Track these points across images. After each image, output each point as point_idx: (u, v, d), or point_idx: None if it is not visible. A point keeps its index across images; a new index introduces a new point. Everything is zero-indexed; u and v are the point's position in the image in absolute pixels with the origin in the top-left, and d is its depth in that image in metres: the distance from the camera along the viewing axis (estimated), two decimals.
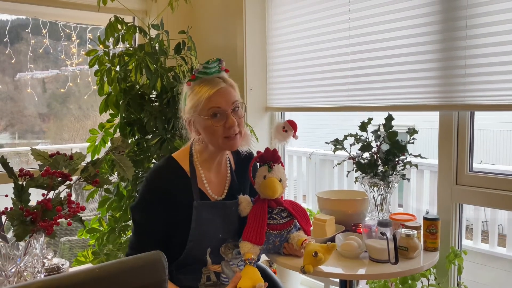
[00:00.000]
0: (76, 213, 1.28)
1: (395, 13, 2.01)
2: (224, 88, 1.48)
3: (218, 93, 1.46)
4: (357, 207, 1.80)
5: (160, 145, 2.16)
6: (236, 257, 1.51)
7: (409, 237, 1.54)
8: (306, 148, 4.43)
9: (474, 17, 1.76)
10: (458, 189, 1.93)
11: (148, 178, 1.49)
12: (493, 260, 3.52)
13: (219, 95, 1.46)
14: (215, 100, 1.45)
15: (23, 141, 6.56)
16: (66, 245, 2.94)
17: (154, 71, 2.14)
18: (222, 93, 1.47)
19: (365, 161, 1.78)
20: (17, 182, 1.26)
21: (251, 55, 2.64)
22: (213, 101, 1.45)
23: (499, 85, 1.73)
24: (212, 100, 1.45)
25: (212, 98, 1.45)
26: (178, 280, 1.48)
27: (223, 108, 1.46)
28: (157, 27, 2.25)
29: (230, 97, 1.48)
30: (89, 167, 1.36)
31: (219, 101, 1.46)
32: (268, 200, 1.52)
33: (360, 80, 2.19)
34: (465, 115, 1.91)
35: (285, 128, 1.56)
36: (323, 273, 1.45)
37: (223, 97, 1.46)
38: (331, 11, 2.30)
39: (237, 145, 1.52)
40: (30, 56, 3.88)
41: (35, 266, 1.24)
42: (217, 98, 1.46)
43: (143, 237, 1.48)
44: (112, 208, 2.27)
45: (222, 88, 1.47)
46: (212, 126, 1.46)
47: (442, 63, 1.87)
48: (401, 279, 1.93)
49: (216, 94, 1.46)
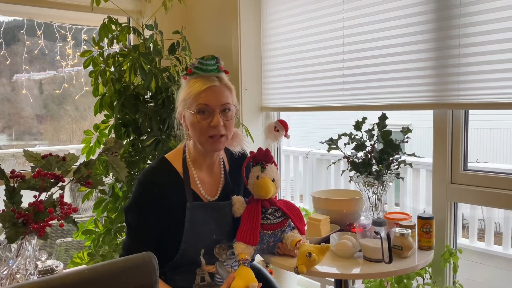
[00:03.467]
0: (69, 214, 1.27)
1: (389, 12, 2.01)
2: (217, 87, 1.47)
3: (208, 90, 1.45)
4: (351, 207, 1.80)
5: (155, 146, 2.16)
6: (230, 257, 1.51)
7: (403, 236, 1.54)
8: (302, 148, 4.44)
9: (468, 16, 1.76)
10: (453, 187, 1.93)
11: (141, 179, 1.49)
12: (490, 259, 3.52)
13: (209, 92, 1.45)
14: (204, 96, 1.45)
15: (21, 143, 6.56)
16: (62, 246, 2.93)
17: (148, 72, 2.13)
18: (213, 91, 1.46)
19: (359, 161, 1.78)
20: (9, 184, 1.26)
21: (246, 55, 2.64)
22: (202, 97, 1.45)
23: (493, 84, 1.73)
24: (202, 96, 1.45)
25: (201, 94, 1.45)
26: (172, 281, 1.48)
27: (210, 106, 1.45)
28: (151, 27, 2.25)
29: (221, 97, 1.47)
30: (81, 168, 1.36)
31: (208, 99, 1.45)
32: (262, 200, 1.52)
33: (354, 79, 2.19)
34: (459, 113, 1.91)
35: (277, 128, 1.56)
36: (318, 273, 1.45)
37: (213, 95, 1.45)
38: (326, 11, 2.29)
39: (220, 148, 1.50)
40: (25, 57, 3.88)
41: (28, 268, 1.24)
42: (207, 95, 1.45)
43: (137, 238, 1.48)
44: (107, 209, 2.27)
45: (215, 87, 1.47)
46: (198, 122, 1.46)
47: (436, 62, 1.87)
48: (397, 278, 1.93)
49: (206, 90, 1.45)
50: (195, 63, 1.48)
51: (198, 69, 1.48)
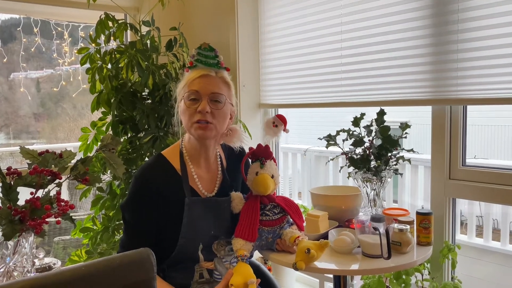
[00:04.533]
0: (66, 211, 1.27)
1: (386, 8, 2.00)
2: (211, 76, 1.48)
3: (201, 78, 1.47)
4: (350, 203, 1.80)
5: (152, 143, 2.15)
6: (228, 254, 1.51)
7: (402, 232, 1.53)
8: (301, 145, 4.43)
9: (466, 11, 1.76)
10: (451, 183, 1.93)
11: (137, 176, 1.48)
12: (488, 254, 3.53)
13: (201, 80, 1.47)
14: (196, 84, 1.46)
15: (18, 141, 6.54)
16: (60, 244, 2.92)
17: (145, 68, 2.12)
18: (205, 79, 1.47)
19: (357, 157, 1.78)
20: (5, 181, 1.25)
21: (243, 52, 2.63)
22: (193, 84, 1.47)
23: (492, 79, 1.72)
24: (194, 83, 1.47)
25: (194, 81, 1.47)
26: (171, 277, 1.48)
27: (200, 93, 1.45)
28: (148, 23, 2.24)
29: (213, 86, 1.47)
30: (78, 165, 1.35)
31: (198, 86, 1.46)
32: (261, 196, 1.51)
33: (352, 75, 2.18)
34: (458, 109, 1.90)
35: (275, 123, 1.55)
36: (317, 269, 1.44)
37: (204, 83, 1.46)
38: (323, 7, 2.29)
39: (207, 135, 1.47)
40: (22, 55, 3.86)
41: (25, 266, 1.23)
42: (199, 82, 1.46)
43: (134, 235, 1.47)
44: (105, 207, 2.26)
45: (209, 76, 1.48)
46: (186, 108, 1.46)
47: (434, 58, 1.87)
48: (395, 274, 1.93)
49: (199, 78, 1.47)
50: (194, 53, 1.50)
51: (198, 61, 1.49)
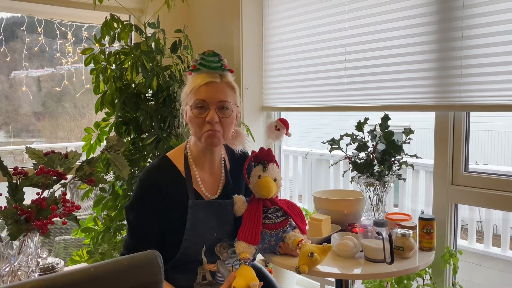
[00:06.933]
0: (71, 212, 1.27)
1: (392, 13, 2.01)
2: (217, 83, 1.47)
3: (207, 86, 1.45)
4: (353, 207, 1.80)
5: (156, 144, 2.15)
6: (231, 256, 1.51)
7: (404, 237, 1.54)
8: (302, 148, 4.43)
9: (471, 18, 1.77)
10: (454, 189, 1.93)
11: (142, 178, 1.48)
12: (488, 260, 3.53)
13: (208, 88, 1.45)
14: (202, 92, 1.45)
15: (18, 140, 6.54)
16: (61, 244, 2.92)
17: (150, 70, 2.13)
18: (212, 87, 1.46)
19: (361, 161, 1.78)
20: (11, 181, 1.25)
21: (247, 55, 2.63)
22: (200, 92, 1.45)
23: (495, 86, 1.73)
24: (200, 91, 1.46)
25: (200, 89, 1.46)
26: (173, 279, 1.48)
27: (207, 102, 1.45)
28: (153, 25, 2.25)
29: (220, 94, 1.46)
30: (84, 166, 1.36)
31: (206, 94, 1.45)
32: (263, 199, 1.52)
33: (356, 80, 2.19)
34: (461, 115, 1.91)
35: (277, 127, 1.55)
36: (319, 273, 1.45)
37: (211, 91, 1.45)
38: (328, 11, 2.29)
39: (215, 143, 1.48)
40: (25, 54, 3.87)
41: (30, 266, 1.23)
42: (205, 91, 1.45)
43: (138, 237, 1.47)
44: (107, 207, 2.26)
45: (215, 83, 1.47)
46: (194, 117, 1.46)
47: (438, 63, 1.88)
48: (397, 278, 1.93)
49: (205, 86, 1.45)
50: (198, 59, 1.49)
51: (201, 65, 1.48)
